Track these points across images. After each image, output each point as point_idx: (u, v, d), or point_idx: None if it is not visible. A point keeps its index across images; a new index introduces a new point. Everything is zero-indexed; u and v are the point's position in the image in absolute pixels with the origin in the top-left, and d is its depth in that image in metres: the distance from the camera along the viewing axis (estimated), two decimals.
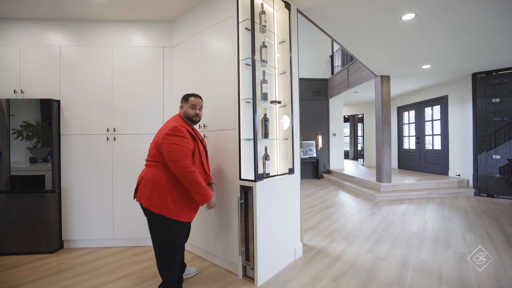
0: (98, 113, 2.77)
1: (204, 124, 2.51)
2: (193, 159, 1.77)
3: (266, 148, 2.35)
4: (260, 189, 2.08)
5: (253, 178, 2.08)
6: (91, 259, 2.53)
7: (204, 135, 2.52)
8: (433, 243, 2.84)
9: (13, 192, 2.61)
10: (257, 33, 2.30)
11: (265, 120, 2.34)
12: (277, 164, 2.55)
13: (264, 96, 2.34)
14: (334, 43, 8.24)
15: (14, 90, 2.70)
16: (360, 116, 10.32)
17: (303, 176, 8.10)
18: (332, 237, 3.09)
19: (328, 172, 8.19)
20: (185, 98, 1.91)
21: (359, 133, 10.86)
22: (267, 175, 2.29)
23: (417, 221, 3.63)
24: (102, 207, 2.76)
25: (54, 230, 2.69)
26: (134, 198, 1.83)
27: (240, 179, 2.15)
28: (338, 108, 8.45)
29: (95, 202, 2.76)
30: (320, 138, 8.11)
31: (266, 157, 2.32)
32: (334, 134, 8.40)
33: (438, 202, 4.80)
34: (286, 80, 2.54)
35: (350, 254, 2.60)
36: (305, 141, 8.08)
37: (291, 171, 2.48)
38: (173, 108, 2.84)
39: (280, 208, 2.34)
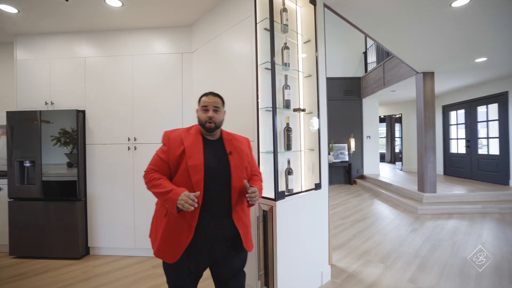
0: (119, 122, 2.76)
1: None
2: (176, 175, 1.28)
3: (289, 161, 2.11)
4: (281, 209, 1.86)
5: (273, 196, 1.86)
6: (112, 269, 2.52)
7: None
8: (496, 276, 2.35)
9: (45, 199, 2.71)
10: (278, 33, 2.08)
11: (288, 130, 2.10)
12: (301, 179, 2.30)
13: (287, 104, 2.10)
14: (368, 38, 7.67)
15: (45, 102, 2.81)
16: (398, 116, 9.49)
17: (334, 181, 7.64)
18: (366, 258, 2.74)
19: (362, 177, 7.62)
20: (199, 99, 1.41)
21: (397, 134, 10.00)
22: (290, 192, 2.05)
23: (471, 243, 3.09)
24: (124, 216, 2.75)
25: (81, 237, 2.74)
26: None
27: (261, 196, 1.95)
28: (373, 108, 7.82)
29: (117, 211, 2.76)
30: (352, 141, 7.57)
31: (289, 171, 2.08)
32: (369, 137, 7.79)
33: (498, 218, 4.10)
34: (312, 84, 2.27)
35: (387, 283, 2.25)
36: (336, 144, 7.61)
37: (317, 186, 2.21)
38: (192, 116, 2.73)
39: (305, 228, 2.09)
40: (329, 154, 7.49)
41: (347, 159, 7.56)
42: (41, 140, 2.71)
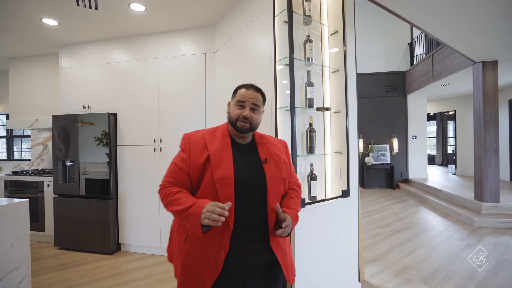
0: (146, 123, 2.84)
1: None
2: (199, 190, 1.02)
3: (312, 166, 1.92)
4: (301, 219, 1.68)
5: None
6: (137, 266, 2.60)
7: None
8: None
9: (82, 197, 2.92)
10: (299, 26, 1.90)
11: (311, 131, 1.91)
12: (326, 185, 2.08)
13: (309, 102, 1.91)
14: (414, 27, 6.91)
15: (83, 106, 3.03)
16: (451, 113, 8.40)
17: (373, 184, 7.05)
18: (406, 275, 2.40)
19: (406, 181, 6.90)
20: (235, 90, 1.13)
21: (450, 133, 8.86)
22: (313, 200, 1.86)
23: None
24: (150, 216, 2.83)
25: (112, 233, 2.89)
26: None
27: None
28: (420, 105, 7.02)
29: (144, 210, 2.85)
30: (395, 141, 6.90)
31: (311, 177, 1.89)
32: (415, 137, 7.02)
33: None
34: (339, 80, 2.04)
35: None
36: (376, 145, 7.01)
37: (345, 193, 1.98)
38: (215, 117, 2.68)
39: (330, 241, 1.87)
40: (368, 155, 6.93)
41: (388, 161, 6.92)
42: (79, 141, 2.92)
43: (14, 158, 4.34)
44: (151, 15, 2.46)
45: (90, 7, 2.29)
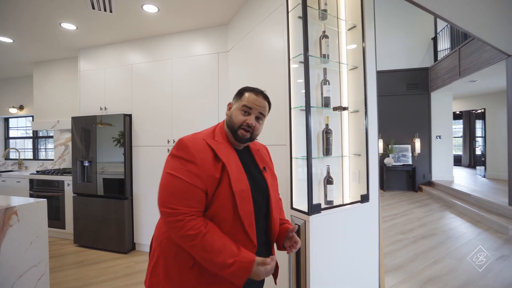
0: (159, 125, 2.85)
1: None
2: (213, 207, 0.88)
3: (328, 169, 1.82)
4: (317, 225, 1.59)
5: (306, 209, 1.60)
6: None
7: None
8: None
9: (99, 196, 2.98)
10: (314, 21, 1.80)
11: (327, 132, 1.81)
12: (343, 189, 1.97)
13: (326, 101, 1.81)
14: (439, 20, 6.52)
15: (100, 107, 3.09)
16: (479, 111, 7.86)
17: (394, 187, 6.74)
18: None
19: (430, 184, 6.54)
20: (240, 91, 1.01)
21: (478, 133, 8.30)
22: (330, 205, 1.76)
23: None
24: None
25: (128, 233, 2.93)
26: None
27: (292, 208, 1.72)
28: (445, 103, 6.63)
29: (157, 211, 2.85)
30: (417, 142, 6.56)
31: (327, 180, 1.79)
32: (439, 137, 6.64)
33: None
34: (358, 78, 1.92)
35: None
36: (396, 145, 6.70)
37: (364, 198, 1.86)
38: None
39: (347, 248, 1.76)
40: (387, 156, 6.64)
41: (410, 162, 6.59)
42: (97, 142, 2.98)
43: (40, 158, 4.54)
44: (163, 15, 2.45)
45: (105, 10, 2.31)
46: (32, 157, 4.56)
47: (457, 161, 9.29)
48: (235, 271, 0.80)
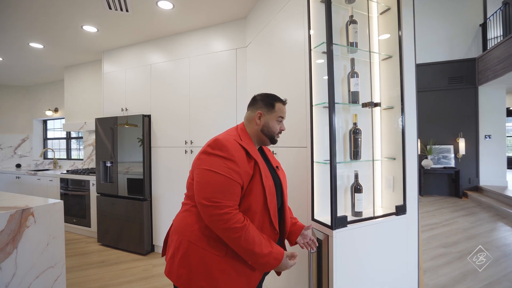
0: (178, 125, 2.78)
1: None
2: (246, 200, 0.98)
3: (356, 175, 1.57)
4: (341, 240, 1.36)
5: (329, 222, 1.38)
6: None
7: (273, 151, 2.00)
8: None
9: (120, 197, 3.00)
10: (339, 4, 1.57)
11: (355, 132, 1.56)
12: (374, 199, 1.70)
13: (353, 97, 1.56)
14: (489, 4, 5.76)
15: (121, 109, 3.12)
16: None
17: (433, 192, 6.10)
18: None
19: (477, 189, 5.81)
20: (270, 102, 1.11)
21: None
22: (358, 216, 1.51)
23: None
24: None
25: (147, 235, 2.91)
26: (162, 256, 1.17)
27: (313, 219, 1.50)
28: (497, 97, 5.83)
29: (176, 213, 2.79)
30: (461, 142, 5.86)
31: (356, 188, 1.54)
32: (488, 136, 5.86)
33: None
34: (392, 69, 1.65)
35: None
36: (436, 146, 6.06)
37: (400, 210, 1.58)
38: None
39: (379, 267, 1.50)
40: (426, 158, 6.02)
41: (452, 164, 5.91)
42: (118, 143, 3.00)
43: (72, 158, 4.79)
44: (179, 11, 2.36)
45: (121, 9, 2.28)
46: (65, 157, 4.82)
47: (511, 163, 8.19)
48: (270, 260, 0.95)
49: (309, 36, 1.51)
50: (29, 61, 3.63)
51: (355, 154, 1.57)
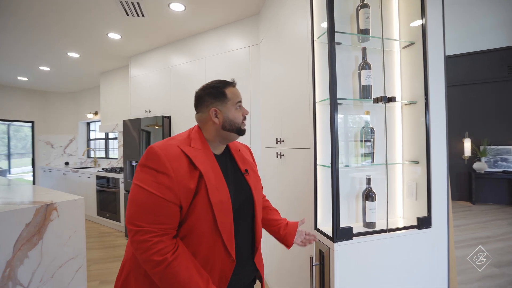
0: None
1: (280, 139, 1.87)
2: (189, 220, 0.79)
3: (369, 180, 1.38)
4: (344, 256, 1.19)
5: (331, 233, 1.22)
6: None
7: (280, 153, 1.88)
8: None
9: None
10: None
11: (366, 131, 1.37)
12: (396, 208, 1.48)
13: (365, 91, 1.37)
14: None
15: (145, 110, 3.26)
16: None
17: (487, 199, 5.30)
18: None
19: None
20: (219, 92, 0.91)
21: None
22: (370, 228, 1.32)
23: None
24: None
25: None
26: None
27: (316, 228, 1.36)
28: None
29: None
30: None
31: (367, 195, 1.35)
32: None
33: None
34: (415, 57, 1.42)
35: None
36: (492, 147, 5.24)
37: (423, 222, 1.34)
38: (261, 116, 2.39)
39: None
40: (478, 160, 5.25)
41: None
42: (141, 143, 3.14)
43: (109, 157, 5.20)
44: (191, 13, 2.37)
45: (138, 15, 2.36)
46: (104, 156, 5.26)
47: None
48: None
49: (312, 24, 1.36)
50: (70, 69, 4.02)
51: (368, 156, 1.38)
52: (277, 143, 1.93)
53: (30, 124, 5.46)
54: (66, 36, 2.83)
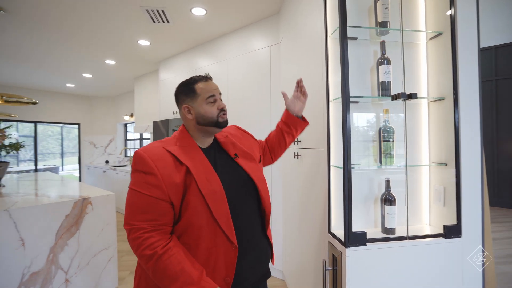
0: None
1: (297, 139, 1.84)
2: (185, 216, 0.81)
3: (388, 183, 1.29)
4: (356, 263, 1.13)
5: (343, 238, 1.17)
6: None
7: (297, 153, 1.84)
8: None
9: None
10: None
11: (385, 131, 1.29)
12: (422, 213, 1.36)
13: (383, 88, 1.29)
14: None
15: (173, 112, 3.42)
16: None
17: None
18: None
19: None
20: (189, 89, 0.92)
21: None
22: (389, 234, 1.24)
23: None
24: None
25: None
26: None
27: (329, 231, 1.31)
28: None
29: None
30: None
31: (386, 200, 1.27)
32: None
33: None
34: (443, 49, 1.29)
35: None
36: None
37: (451, 231, 1.22)
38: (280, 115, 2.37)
39: None
40: None
41: None
42: None
43: None
44: (212, 16, 2.43)
45: (163, 21, 2.49)
46: None
47: None
48: None
49: (325, 19, 1.32)
50: (108, 75, 4.39)
51: (387, 157, 1.29)
52: (294, 143, 1.89)
53: (77, 126, 6.08)
54: (103, 45, 3.09)
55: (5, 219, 1.73)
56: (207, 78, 0.95)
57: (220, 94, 0.96)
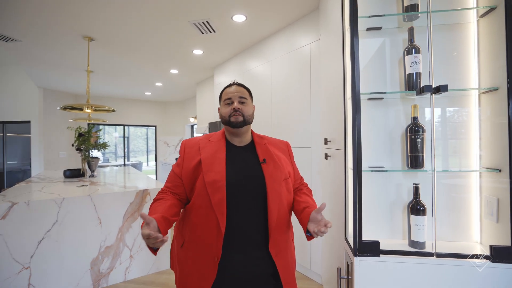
0: (262, 129, 2.93)
1: (327, 139, 1.75)
2: (191, 196, 1.00)
3: (416, 190, 1.12)
4: (367, 274, 1.03)
5: (353, 245, 1.08)
6: None
7: (327, 154, 1.76)
8: None
9: None
10: None
11: (413, 130, 1.12)
12: (471, 229, 1.13)
13: (410, 82, 1.12)
14: None
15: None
16: None
17: None
18: None
19: None
20: (220, 95, 1.12)
21: None
22: (417, 248, 1.08)
23: None
24: None
25: None
26: None
27: (345, 238, 1.23)
28: None
29: None
30: None
31: (413, 208, 1.11)
32: None
33: None
34: (497, 28, 1.04)
35: None
36: None
37: (500, 254, 0.98)
38: (320, 117, 2.29)
39: None
40: None
41: None
42: None
43: None
44: (252, 21, 2.52)
45: (210, 31, 2.72)
46: None
47: None
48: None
49: (342, 11, 1.23)
50: (175, 83, 5.02)
51: (415, 160, 1.12)
52: (325, 143, 1.81)
53: (154, 127, 7.16)
54: (165, 57, 3.57)
55: (88, 202, 2.23)
56: (231, 84, 1.10)
57: (242, 97, 1.05)
